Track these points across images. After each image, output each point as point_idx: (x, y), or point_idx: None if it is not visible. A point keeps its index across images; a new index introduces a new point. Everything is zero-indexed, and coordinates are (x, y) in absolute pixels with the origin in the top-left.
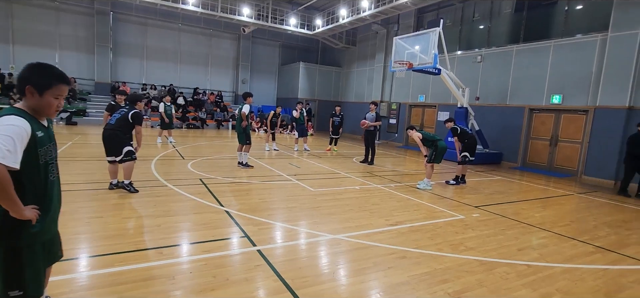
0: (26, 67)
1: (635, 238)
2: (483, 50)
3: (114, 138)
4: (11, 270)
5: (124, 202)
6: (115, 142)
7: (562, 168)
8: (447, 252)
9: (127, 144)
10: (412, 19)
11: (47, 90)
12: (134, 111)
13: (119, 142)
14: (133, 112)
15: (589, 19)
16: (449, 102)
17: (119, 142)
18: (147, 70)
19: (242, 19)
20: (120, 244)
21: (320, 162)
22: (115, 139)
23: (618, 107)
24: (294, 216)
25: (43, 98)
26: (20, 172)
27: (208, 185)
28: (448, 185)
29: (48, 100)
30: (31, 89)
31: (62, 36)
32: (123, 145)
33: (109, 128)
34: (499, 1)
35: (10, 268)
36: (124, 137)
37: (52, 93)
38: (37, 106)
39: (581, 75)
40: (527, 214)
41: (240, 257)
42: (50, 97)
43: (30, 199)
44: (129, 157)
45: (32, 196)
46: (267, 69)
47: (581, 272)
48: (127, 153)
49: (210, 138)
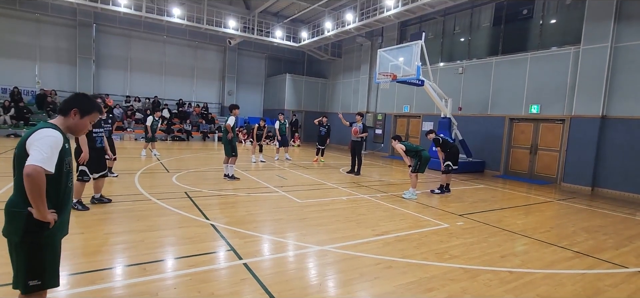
0: (75, 95)
1: (611, 243)
2: (464, 62)
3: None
4: (33, 262)
5: (106, 217)
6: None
7: (542, 176)
8: (433, 261)
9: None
10: (395, 31)
11: (88, 115)
12: None
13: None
14: None
15: (563, 32)
16: (433, 112)
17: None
18: (131, 82)
19: (227, 31)
20: (102, 261)
21: (307, 173)
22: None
23: (592, 116)
24: (281, 228)
25: (82, 120)
26: (49, 179)
27: (193, 198)
28: (433, 194)
29: (85, 123)
30: (76, 111)
31: (43, 48)
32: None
33: None
34: (477, 15)
35: (33, 260)
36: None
37: (89, 118)
38: (74, 126)
39: (557, 86)
40: (510, 221)
41: (226, 271)
42: (87, 120)
43: (51, 203)
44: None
45: (54, 200)
46: (253, 80)
47: (561, 277)
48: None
49: (196, 150)
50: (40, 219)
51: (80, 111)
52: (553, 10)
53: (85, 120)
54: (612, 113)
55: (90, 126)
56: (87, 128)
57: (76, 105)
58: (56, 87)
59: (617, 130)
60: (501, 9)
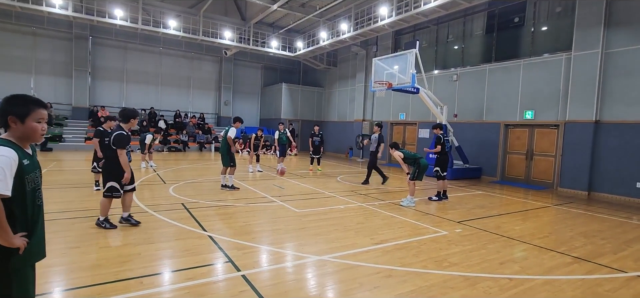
0: (3, 100)
1: (610, 248)
2: (458, 70)
3: (106, 167)
4: (2, 293)
5: (102, 231)
6: (105, 172)
7: (539, 181)
8: (432, 269)
9: (113, 176)
10: (390, 40)
11: (27, 116)
12: (117, 133)
13: (107, 172)
14: (115, 135)
15: (554, 39)
16: (428, 119)
17: (108, 173)
18: (127, 94)
19: (223, 42)
20: (99, 275)
21: (304, 182)
22: (106, 169)
23: (586, 121)
24: (279, 238)
25: (26, 125)
26: (11, 200)
27: (190, 210)
28: (431, 202)
29: (31, 126)
30: (13, 119)
31: (39, 61)
32: (108, 178)
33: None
34: (470, 23)
35: (1, 291)
36: (112, 167)
37: (32, 118)
38: (23, 134)
39: (550, 92)
40: (508, 227)
41: (224, 283)
42: (32, 122)
43: (20, 226)
44: (108, 193)
45: (22, 222)
46: (249, 90)
47: (560, 283)
48: (108, 189)
49: (193, 161)
50: (7, 245)
51: (18, 116)
52: (544, 18)
53: (28, 123)
54: (605, 118)
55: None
56: (38, 131)
57: (9, 113)
58: (52, 100)
59: (611, 134)
60: (493, 17)
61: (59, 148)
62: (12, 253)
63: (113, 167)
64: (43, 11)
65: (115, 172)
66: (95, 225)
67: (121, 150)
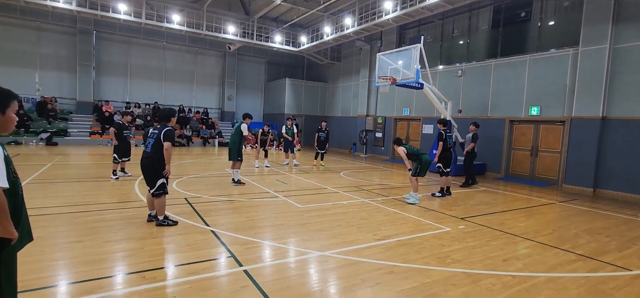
0: None
1: (614, 245)
2: (463, 65)
3: (151, 167)
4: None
5: (105, 225)
6: (152, 172)
7: (543, 178)
8: (434, 266)
9: (161, 174)
10: (394, 35)
11: (7, 108)
12: (167, 128)
13: (155, 171)
14: (166, 130)
15: (561, 34)
16: (433, 115)
17: (156, 171)
18: (131, 89)
19: (227, 36)
20: (101, 269)
21: (308, 178)
22: (151, 169)
23: (592, 117)
24: (282, 234)
25: (6, 116)
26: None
27: (193, 205)
28: (434, 198)
29: (11, 117)
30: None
31: (43, 55)
32: (158, 176)
33: (147, 156)
34: (476, 18)
35: None
36: (160, 166)
37: (12, 109)
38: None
39: (557, 87)
40: (512, 224)
41: (227, 278)
42: (12, 113)
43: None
44: (161, 191)
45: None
46: (253, 85)
47: (564, 281)
48: (160, 186)
49: (196, 156)
50: (6, 236)
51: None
52: (551, 13)
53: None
54: (612, 114)
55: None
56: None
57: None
58: (56, 94)
59: (618, 131)
60: (499, 11)
61: (64, 142)
62: (4, 243)
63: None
64: (47, 6)
65: (160, 169)
66: (156, 226)
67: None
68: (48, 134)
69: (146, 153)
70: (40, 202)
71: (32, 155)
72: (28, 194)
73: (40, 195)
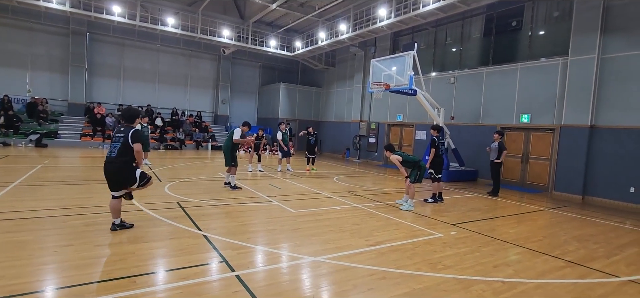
0: None
1: (602, 252)
2: (456, 72)
3: (118, 172)
4: None
5: (96, 229)
6: (126, 174)
7: (534, 185)
8: (426, 271)
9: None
10: (388, 41)
11: None
12: (133, 130)
13: (123, 176)
14: (133, 132)
15: (551, 43)
16: (425, 121)
17: (123, 176)
18: (123, 91)
19: (222, 40)
20: (92, 274)
21: (301, 183)
22: (118, 173)
23: (581, 125)
24: (274, 239)
25: None
26: None
27: (186, 209)
28: (426, 203)
29: None
30: None
31: (35, 56)
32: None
33: (112, 160)
34: (468, 26)
35: None
36: (129, 170)
37: None
38: None
39: (547, 96)
40: (502, 231)
41: (218, 283)
42: None
43: None
44: (146, 179)
45: None
46: (247, 89)
47: (553, 287)
48: (141, 176)
49: (189, 159)
50: None
51: None
52: (541, 22)
53: None
54: (600, 122)
55: None
56: None
57: None
58: (48, 95)
59: (606, 139)
60: (491, 20)
61: (54, 144)
62: None
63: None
64: (40, 6)
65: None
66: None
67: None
68: (37, 135)
69: (110, 158)
70: (29, 204)
71: (21, 157)
72: (17, 197)
73: (30, 197)
